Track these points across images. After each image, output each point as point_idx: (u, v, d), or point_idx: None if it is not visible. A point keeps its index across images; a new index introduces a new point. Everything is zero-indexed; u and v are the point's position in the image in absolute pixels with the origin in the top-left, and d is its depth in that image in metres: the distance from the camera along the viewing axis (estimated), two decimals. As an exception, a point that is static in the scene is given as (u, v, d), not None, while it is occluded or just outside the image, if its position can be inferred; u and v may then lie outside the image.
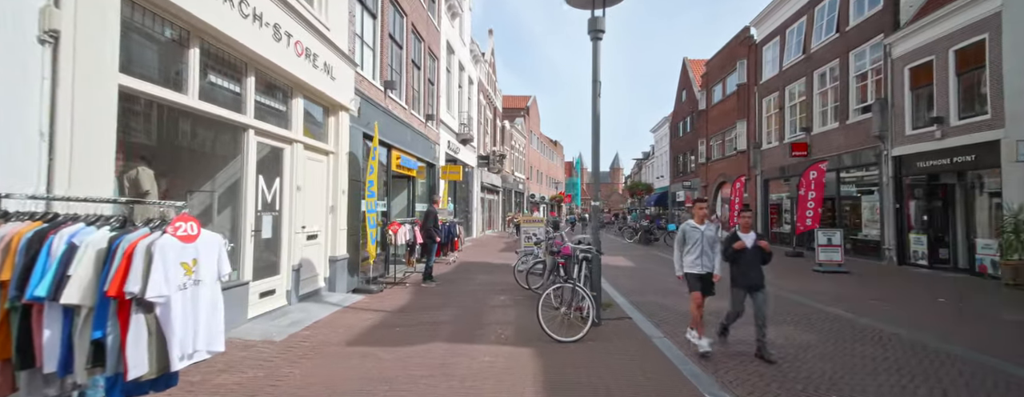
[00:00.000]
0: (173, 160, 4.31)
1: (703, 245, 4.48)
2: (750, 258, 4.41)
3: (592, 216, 5.36)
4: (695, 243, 4.49)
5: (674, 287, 8.01)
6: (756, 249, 4.42)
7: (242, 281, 4.40)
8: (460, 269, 10.30)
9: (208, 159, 4.55)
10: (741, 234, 4.52)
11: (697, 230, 4.55)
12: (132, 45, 3.30)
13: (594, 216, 5.36)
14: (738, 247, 4.43)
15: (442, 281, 8.34)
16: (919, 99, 11.69)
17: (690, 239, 4.52)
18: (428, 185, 12.97)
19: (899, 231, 12.09)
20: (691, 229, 4.57)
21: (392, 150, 9.23)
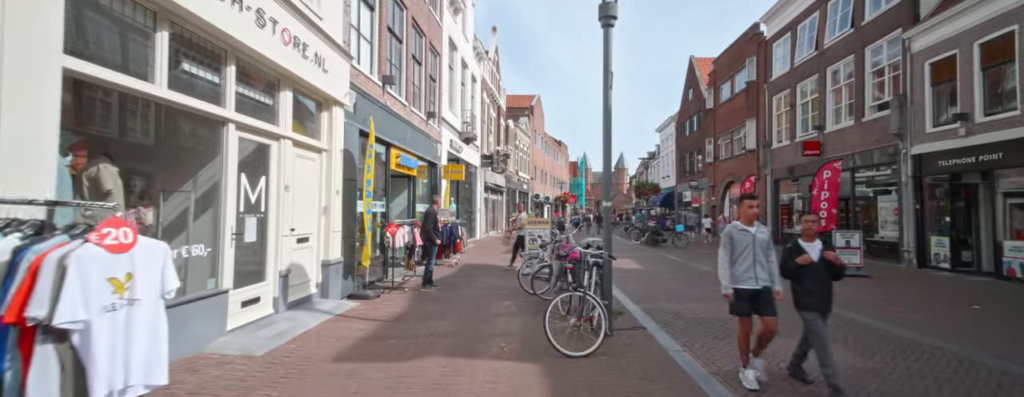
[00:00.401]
0: (145, 157, 3.93)
1: (755, 252, 3.59)
2: (817, 274, 3.52)
3: (603, 217, 4.95)
4: (745, 250, 3.60)
5: (686, 292, 7.58)
6: (824, 263, 3.54)
7: (221, 289, 4.01)
8: (462, 272, 9.91)
9: (183, 156, 4.17)
10: (804, 244, 3.62)
11: (746, 234, 3.64)
12: (86, 25, 2.94)
13: (605, 217, 4.95)
14: (803, 261, 3.52)
15: (443, 285, 7.95)
16: (940, 95, 11.20)
17: (739, 245, 3.62)
18: (429, 185, 12.58)
19: (919, 233, 11.60)
20: (739, 233, 3.67)
21: (391, 148, 8.85)
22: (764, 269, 3.61)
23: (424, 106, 11.43)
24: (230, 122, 4.14)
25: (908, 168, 11.83)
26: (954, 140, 10.49)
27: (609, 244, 4.84)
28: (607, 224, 4.91)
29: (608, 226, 4.94)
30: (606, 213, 4.94)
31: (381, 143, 8.45)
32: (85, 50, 2.92)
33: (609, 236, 4.87)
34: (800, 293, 3.57)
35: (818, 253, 3.56)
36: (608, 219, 4.94)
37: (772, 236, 14.43)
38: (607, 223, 4.92)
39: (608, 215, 4.95)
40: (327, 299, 6.00)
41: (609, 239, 4.86)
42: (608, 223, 4.96)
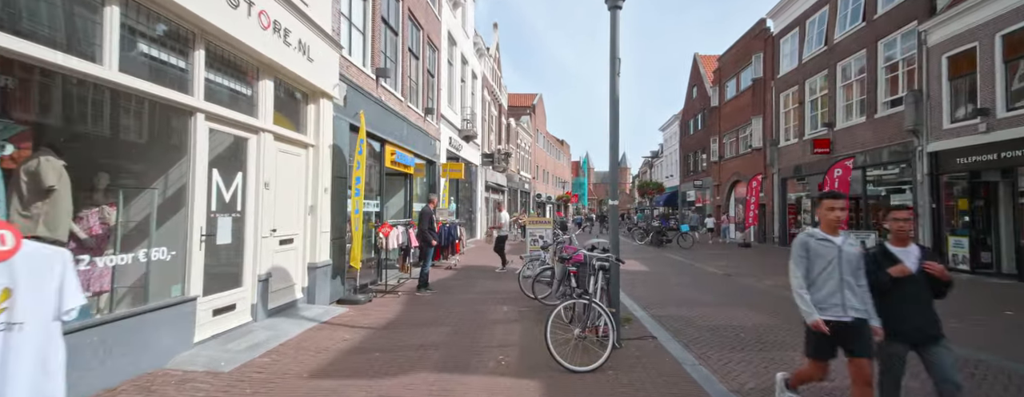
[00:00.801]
0: (102, 150, 3.55)
1: (842, 271, 2.63)
2: (913, 290, 2.65)
3: (610, 216, 4.54)
4: (828, 268, 2.66)
5: (697, 297, 7.17)
6: (924, 275, 2.65)
7: (187, 296, 3.62)
8: (460, 274, 9.52)
9: (146, 149, 3.78)
10: (893, 248, 2.73)
11: (830, 246, 2.69)
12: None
13: (611, 217, 4.54)
14: (898, 273, 2.61)
15: (439, 289, 7.56)
16: (958, 90, 10.75)
17: (819, 261, 2.69)
18: (428, 184, 12.19)
19: (935, 233, 11.15)
20: (820, 244, 2.72)
21: (386, 145, 8.46)
22: (856, 295, 2.63)
23: (422, 102, 11.04)
24: (199, 112, 3.74)
25: (924, 166, 11.38)
26: (973, 136, 10.04)
27: (616, 246, 4.43)
28: (614, 224, 4.51)
29: (615, 226, 4.53)
30: (613, 212, 4.53)
31: (375, 139, 8.06)
32: (15, 24, 2.53)
33: (616, 237, 4.46)
34: (887, 315, 2.65)
35: (916, 262, 2.65)
36: (615, 219, 4.53)
37: (782, 237, 13.84)
38: (614, 223, 4.51)
39: (615, 214, 4.54)
40: (313, 305, 5.61)
41: (616, 241, 4.45)
42: (615, 223, 4.55)
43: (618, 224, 4.48)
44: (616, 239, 4.46)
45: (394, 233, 6.97)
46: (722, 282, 8.83)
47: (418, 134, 10.63)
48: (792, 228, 18.07)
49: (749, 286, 8.35)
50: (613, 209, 4.57)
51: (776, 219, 18.57)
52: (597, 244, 5.21)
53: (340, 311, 5.62)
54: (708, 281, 8.94)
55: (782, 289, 7.97)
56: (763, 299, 7.05)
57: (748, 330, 5.15)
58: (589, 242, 5.40)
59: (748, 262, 12.64)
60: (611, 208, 4.56)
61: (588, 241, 5.48)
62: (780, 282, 8.81)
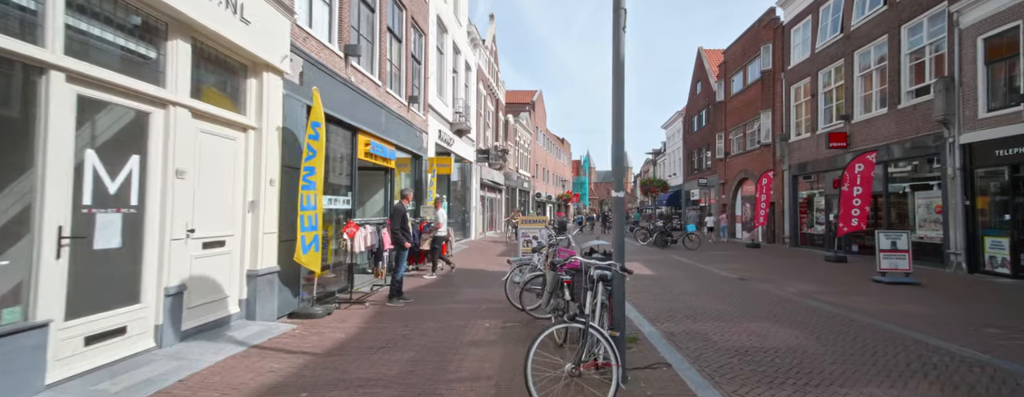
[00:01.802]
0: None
1: None
2: None
3: (614, 211, 3.55)
4: None
5: (711, 306, 6.17)
6: None
7: (32, 323, 2.64)
8: (444, 280, 8.53)
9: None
10: None
11: None
12: None
13: (617, 213, 3.54)
14: None
15: (417, 297, 6.58)
16: (997, 75, 9.73)
17: None
18: (413, 179, 11.21)
19: (969, 233, 10.15)
20: None
21: (359, 134, 7.48)
22: None
23: (405, 89, 10.06)
24: (54, 70, 2.77)
25: (955, 159, 10.37)
26: (1015, 125, 9.02)
27: (621, 250, 3.44)
28: (619, 224, 3.50)
29: (620, 226, 3.54)
30: (618, 207, 3.53)
31: (344, 127, 7.08)
32: None
33: (621, 239, 3.47)
34: None
35: None
36: (621, 214, 3.53)
37: (794, 238, 12.79)
38: (619, 222, 3.51)
39: (621, 209, 3.54)
40: (253, 321, 4.63)
41: (621, 243, 3.45)
42: (621, 221, 3.56)
43: (623, 223, 3.48)
44: (621, 240, 3.47)
45: (361, 234, 5.98)
46: (737, 288, 7.83)
47: (400, 125, 9.66)
48: (804, 227, 17.07)
49: (769, 293, 7.35)
50: (618, 203, 3.57)
51: (787, 218, 17.56)
52: (597, 247, 4.23)
53: (284, 329, 4.64)
54: (721, 287, 7.95)
55: (807, 297, 6.97)
56: (789, 310, 6.05)
57: (783, 354, 4.16)
58: (588, 244, 4.43)
59: (761, 264, 11.64)
60: (615, 201, 3.56)
61: (587, 243, 4.51)
62: (803, 288, 7.82)
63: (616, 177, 3.52)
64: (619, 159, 3.52)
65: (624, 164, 3.54)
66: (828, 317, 5.68)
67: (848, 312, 6.00)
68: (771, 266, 11.31)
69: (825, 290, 7.66)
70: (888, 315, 5.82)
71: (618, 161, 3.53)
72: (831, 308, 6.18)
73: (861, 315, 5.82)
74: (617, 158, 3.52)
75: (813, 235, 16.46)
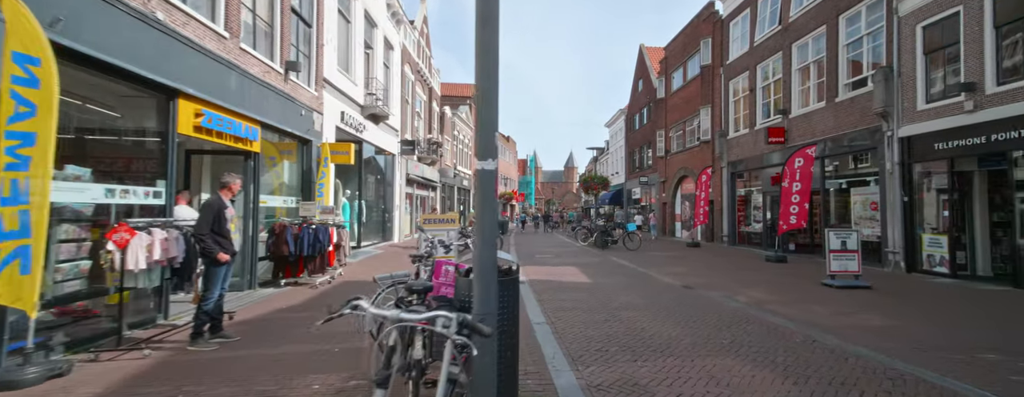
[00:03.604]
0: None
1: None
2: None
3: (479, 193, 1.87)
4: None
5: (659, 330, 4.74)
6: None
7: None
8: (313, 301, 6.57)
9: None
10: None
11: None
12: None
13: (482, 192, 1.88)
14: None
15: (253, 330, 4.66)
16: (936, 64, 9.33)
17: None
18: (300, 169, 9.09)
19: (908, 232, 9.71)
20: None
21: (181, 99, 5.37)
22: None
23: (280, 52, 7.94)
24: None
25: (894, 154, 9.92)
26: (956, 117, 8.57)
27: (489, 288, 1.78)
28: (489, 224, 1.85)
29: (491, 229, 1.88)
30: (485, 184, 1.87)
31: (144, 83, 4.94)
32: None
33: (488, 260, 1.81)
34: None
35: None
36: (489, 196, 1.88)
37: (732, 236, 11.90)
38: (490, 222, 1.85)
39: (489, 188, 1.89)
40: None
41: (488, 266, 1.80)
42: (492, 223, 1.90)
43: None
44: (487, 261, 1.80)
45: (141, 242, 3.93)
46: (684, 300, 6.57)
47: (272, 97, 7.54)
48: (742, 226, 16.69)
49: (719, 306, 6.13)
50: (485, 178, 1.91)
51: (725, 216, 17.13)
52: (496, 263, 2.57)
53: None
54: (665, 298, 6.65)
55: (761, 309, 5.79)
56: (748, 333, 4.78)
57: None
58: (466, 256, 2.74)
59: (704, 267, 10.68)
60: (482, 176, 1.90)
61: (466, 253, 2.84)
62: (754, 296, 6.70)
63: (482, 142, 1.86)
64: (490, 127, 1.86)
65: (496, 116, 1.90)
66: (792, 343, 4.43)
67: (810, 329, 4.83)
68: (714, 268, 10.36)
69: (777, 299, 6.59)
70: (854, 333, 4.71)
71: (487, 128, 1.88)
72: (793, 326, 4.99)
73: (826, 333, 4.66)
74: (486, 123, 1.86)
75: (751, 233, 16.09)
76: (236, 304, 6.02)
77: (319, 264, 7.66)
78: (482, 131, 1.80)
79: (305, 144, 9.05)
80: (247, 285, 6.94)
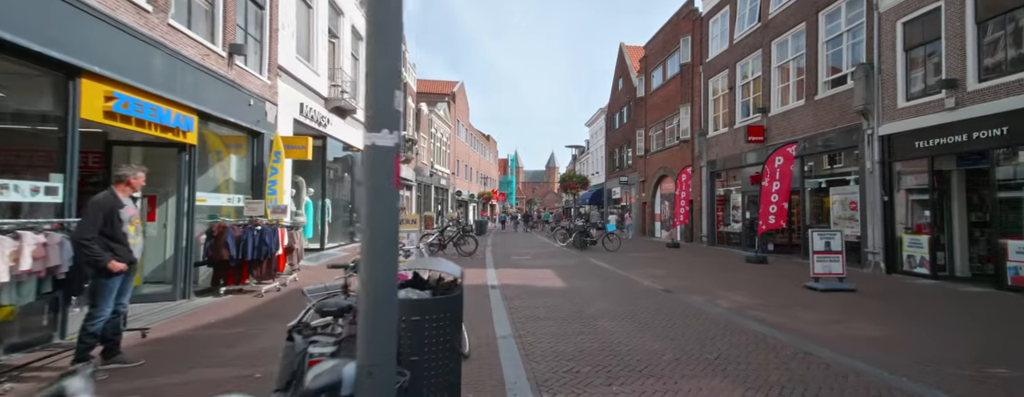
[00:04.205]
0: None
1: None
2: None
3: (369, 174, 1.26)
4: None
5: (639, 344, 4.20)
6: None
7: None
8: (258, 311, 5.85)
9: None
10: None
11: None
12: None
13: (366, 168, 1.28)
14: None
15: (161, 354, 3.94)
16: (916, 62, 9.16)
17: None
18: (250, 165, 8.28)
19: (887, 231, 9.53)
20: None
21: (86, 79, 4.59)
22: None
23: (223, 34, 7.14)
24: None
25: (874, 152, 9.73)
26: (937, 114, 8.39)
27: (383, 309, 1.19)
28: (375, 233, 1.25)
29: (384, 237, 1.28)
30: (372, 160, 1.27)
31: (36, 60, 4.15)
32: None
33: (379, 283, 1.21)
34: None
35: None
36: (381, 179, 1.29)
37: (711, 236, 11.45)
38: (377, 231, 1.26)
39: (382, 169, 1.29)
40: None
41: (380, 288, 1.20)
42: (388, 230, 1.30)
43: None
44: (381, 289, 1.20)
45: (4, 247, 3.17)
46: (665, 306, 6.09)
47: (212, 83, 6.74)
48: (721, 226, 16.49)
49: (702, 313, 5.67)
50: (373, 156, 1.33)
51: (704, 216, 16.91)
52: (431, 275, 1.99)
53: None
54: (645, 304, 6.16)
55: (746, 316, 5.35)
56: (735, 346, 4.31)
57: None
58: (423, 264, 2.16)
59: (685, 268, 10.30)
60: (370, 154, 1.31)
61: (432, 263, 2.25)
62: (737, 301, 6.28)
63: (375, 104, 1.25)
64: (384, 61, 1.25)
65: (396, 64, 1.31)
66: (784, 356, 3.97)
67: (801, 340, 4.39)
68: (695, 270, 9.98)
69: (762, 304, 6.18)
70: (847, 344, 4.29)
71: (383, 82, 1.28)
72: (782, 336, 4.55)
73: (818, 345, 4.22)
74: (382, 75, 1.26)
75: (730, 233, 15.89)
76: (160, 317, 5.26)
77: (267, 269, 6.91)
78: (376, 88, 1.20)
79: (256, 137, 8.25)
80: (180, 294, 6.14)
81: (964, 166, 8.73)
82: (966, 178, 8.87)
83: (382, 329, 1.14)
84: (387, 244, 1.18)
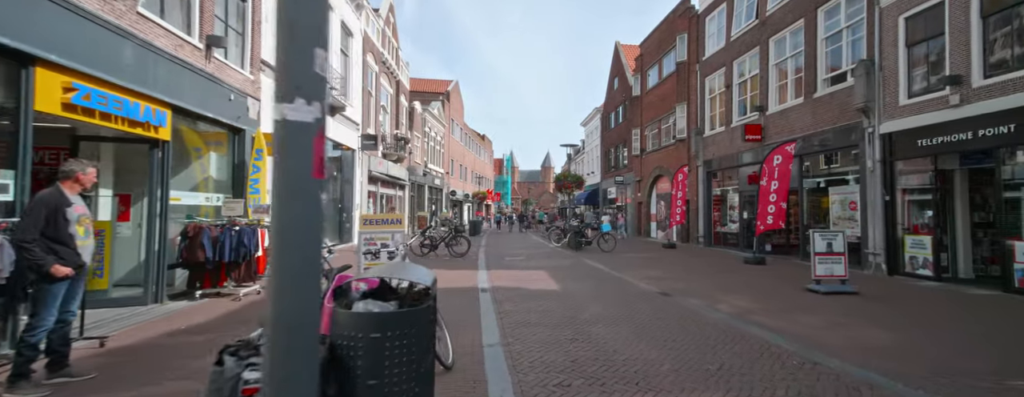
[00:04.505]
0: None
1: None
2: None
3: (282, 156, 0.97)
4: None
5: (630, 355, 3.90)
6: None
7: None
8: (232, 316, 5.52)
9: None
10: None
11: None
12: None
13: (288, 159, 0.99)
14: None
15: (117, 365, 3.62)
16: (918, 58, 8.95)
17: None
18: (233, 162, 7.94)
19: (889, 233, 9.32)
20: None
21: (41, 68, 4.25)
22: None
23: (199, 25, 6.80)
24: None
25: (875, 151, 9.51)
26: (941, 112, 8.18)
27: (300, 338, 0.90)
28: (284, 234, 0.97)
29: (303, 241, 0.99)
30: (287, 197, 0.99)
31: None
32: None
33: (295, 303, 0.92)
34: None
35: None
36: (303, 210, 1.00)
37: (708, 237, 11.13)
38: (285, 229, 0.97)
39: (311, 201, 1.00)
40: None
41: (294, 310, 0.90)
42: (309, 229, 1.01)
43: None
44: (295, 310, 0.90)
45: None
46: (662, 310, 5.81)
47: (189, 76, 6.40)
48: (717, 226, 16.27)
49: (701, 317, 5.41)
50: (294, 133, 1.03)
51: (701, 216, 16.68)
52: (401, 284, 1.70)
53: None
54: (641, 308, 5.88)
55: (747, 321, 5.09)
56: (738, 354, 4.05)
57: None
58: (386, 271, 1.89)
59: (682, 270, 10.04)
60: (288, 131, 1.01)
61: (399, 270, 1.97)
62: (737, 305, 6.02)
63: (289, 64, 0.95)
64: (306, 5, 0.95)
65: (322, 13, 1.01)
66: (791, 367, 3.71)
67: (808, 349, 4.13)
68: (692, 272, 9.72)
69: (762, 308, 5.92)
70: (857, 353, 4.03)
71: (302, 35, 0.98)
72: (787, 344, 4.28)
73: (827, 355, 3.95)
74: (300, 27, 0.97)
75: (727, 234, 15.66)
76: (126, 323, 4.92)
77: (246, 272, 6.57)
78: (288, 42, 0.91)
79: (237, 133, 7.91)
80: (152, 298, 5.80)
81: (967, 165, 8.52)
82: (969, 177, 8.66)
83: (294, 363, 0.84)
84: (307, 260, 0.89)
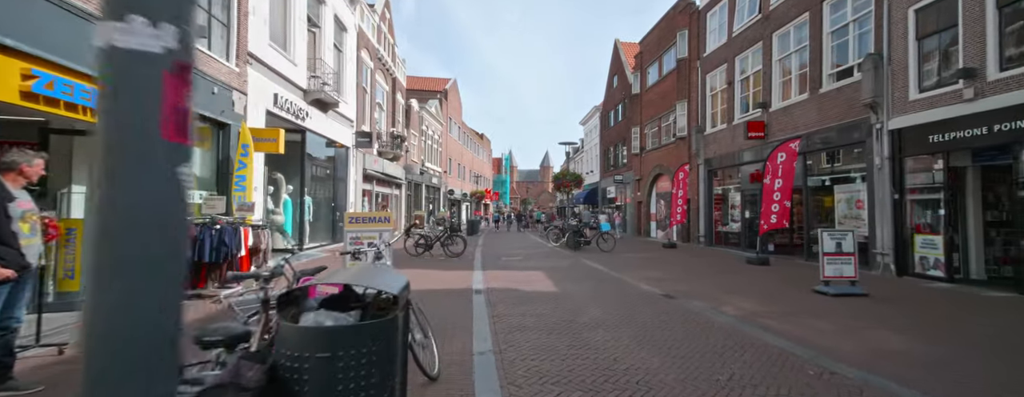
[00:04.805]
0: None
1: None
2: None
3: (108, 104, 0.66)
4: None
5: (631, 363, 3.57)
6: None
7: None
8: (210, 320, 5.20)
9: None
10: None
11: None
12: None
13: (113, 105, 0.68)
14: None
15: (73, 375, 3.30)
16: (930, 51, 8.64)
17: None
18: (218, 158, 7.62)
19: (898, 233, 9.01)
20: None
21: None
22: None
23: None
24: None
25: (884, 147, 9.21)
26: (954, 106, 7.87)
27: None
28: (102, 222, 0.66)
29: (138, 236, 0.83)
30: (112, 175, 0.68)
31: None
32: None
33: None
34: None
35: None
36: (132, 187, 0.69)
37: (709, 236, 10.79)
38: (104, 217, 0.66)
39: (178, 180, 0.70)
40: None
41: None
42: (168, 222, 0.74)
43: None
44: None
45: None
46: (664, 313, 5.50)
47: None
48: (719, 225, 15.97)
49: (707, 321, 5.10)
50: (125, 63, 0.72)
51: (702, 215, 16.38)
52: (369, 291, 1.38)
53: None
54: (643, 312, 5.57)
55: (754, 325, 4.78)
56: (747, 362, 3.76)
57: None
58: None
59: (683, 270, 9.73)
60: (119, 61, 0.71)
61: (365, 275, 1.66)
62: (743, 307, 5.71)
63: None
64: None
65: None
66: (807, 377, 3.40)
67: (821, 356, 3.82)
68: (694, 272, 9.41)
69: (770, 310, 5.61)
70: (874, 360, 3.73)
71: None
72: (800, 351, 3.97)
73: (844, 364, 3.64)
74: None
75: (728, 233, 15.36)
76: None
77: (223, 272, 6.24)
78: None
79: (221, 128, 7.58)
80: (125, 301, 5.47)
81: (980, 162, 8.22)
82: (982, 175, 8.36)
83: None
84: (143, 257, 0.56)
